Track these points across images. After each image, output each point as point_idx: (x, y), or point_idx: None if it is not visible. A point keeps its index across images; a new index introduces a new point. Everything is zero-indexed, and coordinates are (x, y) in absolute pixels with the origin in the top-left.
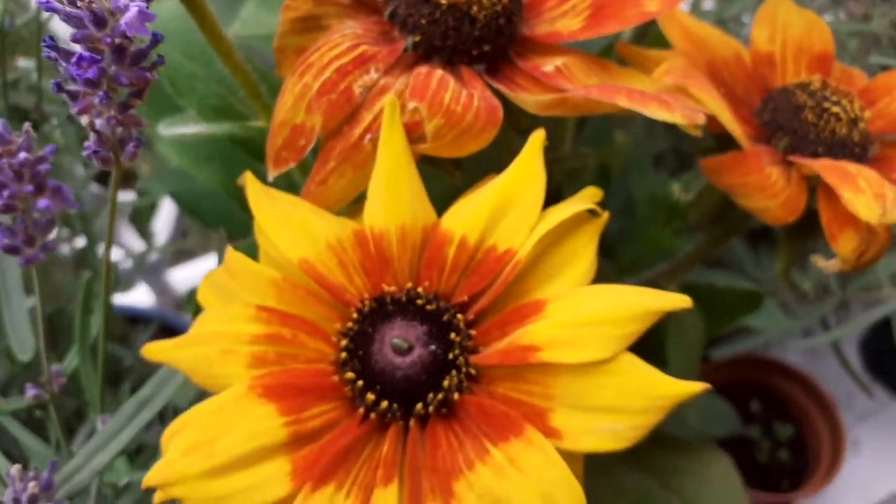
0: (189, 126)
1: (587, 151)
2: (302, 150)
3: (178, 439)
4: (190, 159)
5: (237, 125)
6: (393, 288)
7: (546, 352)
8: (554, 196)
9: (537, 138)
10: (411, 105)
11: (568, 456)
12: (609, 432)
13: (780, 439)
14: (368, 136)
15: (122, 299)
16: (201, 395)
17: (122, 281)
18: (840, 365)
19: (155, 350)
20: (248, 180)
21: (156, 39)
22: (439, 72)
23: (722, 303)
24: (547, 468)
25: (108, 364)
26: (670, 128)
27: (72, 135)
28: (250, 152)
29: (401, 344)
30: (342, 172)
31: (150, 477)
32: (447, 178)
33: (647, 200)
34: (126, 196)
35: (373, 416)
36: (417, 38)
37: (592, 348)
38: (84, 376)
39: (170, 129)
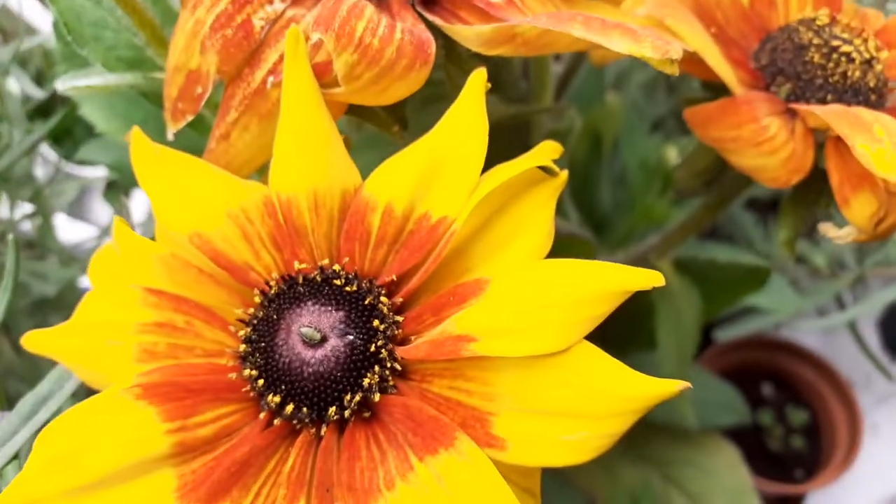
0: (91, 77)
1: (567, 104)
2: (199, 99)
3: (41, 449)
4: (118, 125)
5: (140, 76)
6: (306, 266)
7: (482, 342)
8: None
9: (477, 79)
10: (314, 37)
11: (520, 469)
12: (565, 442)
13: (793, 425)
14: (272, 80)
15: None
16: None
17: (86, 261)
18: (857, 345)
19: (35, 340)
20: (134, 136)
21: None
22: None
23: (724, 280)
24: (482, 489)
25: None
26: (671, 89)
27: (14, 103)
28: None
29: (311, 334)
30: (245, 125)
31: (5, 496)
32: (388, 138)
33: (640, 166)
34: (97, 170)
35: (277, 422)
36: None
37: (541, 337)
38: None
39: (69, 82)
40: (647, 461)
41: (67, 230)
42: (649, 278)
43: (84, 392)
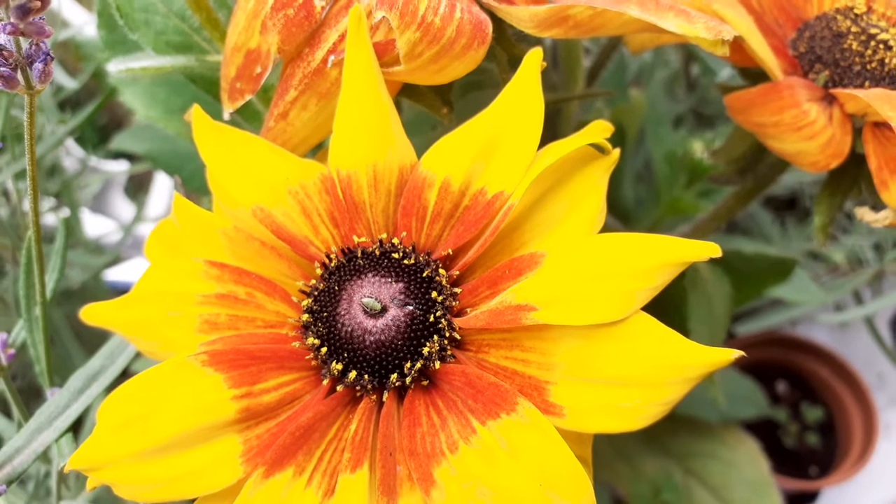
0: (143, 60)
1: (600, 91)
2: (258, 78)
3: (109, 414)
4: (159, 111)
5: (193, 58)
6: (365, 239)
7: (543, 311)
8: None
9: (533, 59)
10: (378, 15)
11: (573, 437)
12: (622, 409)
13: (808, 422)
14: (332, 58)
15: (115, 274)
16: None
17: (111, 253)
18: (870, 343)
19: (94, 312)
20: (196, 113)
21: None
22: None
23: (750, 271)
24: (545, 451)
25: (96, 341)
26: (691, 87)
27: (45, 93)
28: (214, 94)
29: (373, 304)
30: (304, 104)
31: (75, 459)
32: (428, 123)
33: (666, 159)
34: (119, 165)
35: (340, 388)
36: None
37: (600, 307)
38: (32, 346)
39: (120, 64)
40: (669, 454)
41: (88, 224)
42: (706, 249)
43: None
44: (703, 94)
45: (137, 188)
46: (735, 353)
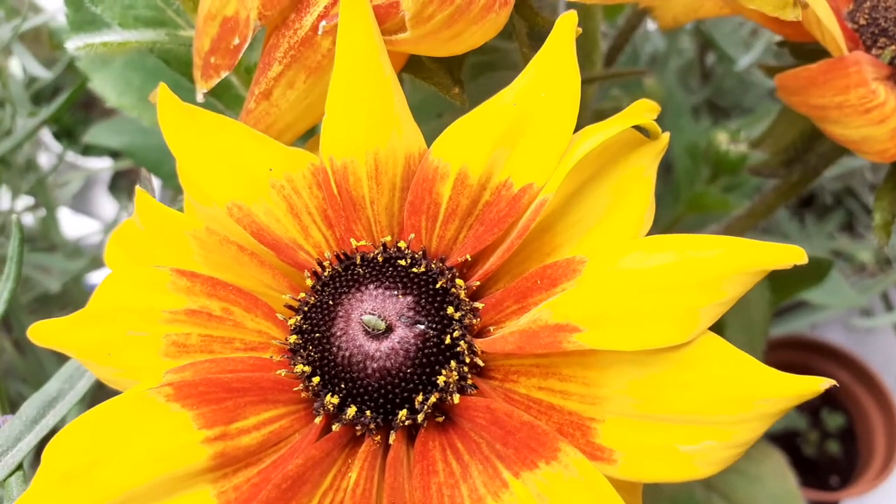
0: (104, 35)
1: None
2: (235, 52)
3: (51, 462)
4: (133, 98)
5: (163, 32)
6: (365, 243)
7: (588, 332)
8: None
9: (566, 23)
10: None
11: (624, 486)
12: (686, 454)
13: (829, 429)
14: (323, 25)
15: (98, 278)
16: None
17: (91, 256)
18: (888, 345)
19: (43, 332)
20: (161, 93)
21: None
22: None
23: (785, 273)
24: None
25: None
26: (706, 76)
27: (17, 85)
28: (189, 75)
29: (375, 322)
30: (291, 80)
31: None
32: (444, 100)
33: (687, 151)
34: (102, 162)
35: (336, 427)
36: None
37: (658, 327)
38: None
39: (79, 41)
40: None
41: (70, 224)
42: (790, 254)
43: (92, 396)
44: (719, 85)
45: (130, 186)
46: (824, 383)
